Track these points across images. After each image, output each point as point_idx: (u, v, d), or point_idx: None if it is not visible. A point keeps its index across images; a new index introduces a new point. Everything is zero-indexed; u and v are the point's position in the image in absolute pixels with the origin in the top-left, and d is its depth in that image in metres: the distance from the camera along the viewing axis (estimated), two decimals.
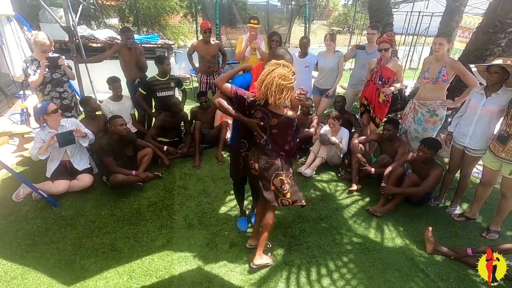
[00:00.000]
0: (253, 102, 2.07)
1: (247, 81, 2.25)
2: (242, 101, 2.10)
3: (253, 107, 2.09)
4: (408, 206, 3.16)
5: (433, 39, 3.29)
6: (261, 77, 1.97)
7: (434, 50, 3.11)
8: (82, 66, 4.40)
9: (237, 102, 2.12)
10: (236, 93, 2.09)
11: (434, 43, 3.08)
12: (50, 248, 2.49)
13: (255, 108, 2.08)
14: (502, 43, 3.88)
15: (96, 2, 10.14)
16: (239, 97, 2.10)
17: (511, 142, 2.45)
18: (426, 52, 8.60)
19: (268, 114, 2.08)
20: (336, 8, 27.72)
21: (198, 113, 4.39)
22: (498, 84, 2.61)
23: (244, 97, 2.10)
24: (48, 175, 3.15)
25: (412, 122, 3.46)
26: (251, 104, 2.09)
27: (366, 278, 2.34)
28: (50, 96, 3.47)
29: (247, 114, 2.14)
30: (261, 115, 2.09)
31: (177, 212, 2.97)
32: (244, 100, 2.10)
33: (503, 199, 2.69)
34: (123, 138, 3.32)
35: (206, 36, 4.39)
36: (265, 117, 2.09)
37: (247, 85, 2.23)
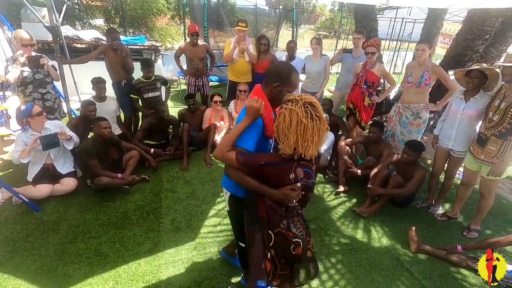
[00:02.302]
0: (287, 162, 1.46)
1: (261, 127, 1.60)
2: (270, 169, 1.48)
3: (289, 168, 1.47)
4: (393, 207, 3.24)
5: (415, 45, 3.41)
6: (283, 124, 1.41)
7: (417, 55, 3.24)
8: (66, 67, 4.28)
9: (255, 172, 1.50)
10: (246, 163, 1.48)
11: (417, 49, 3.21)
12: (31, 254, 2.41)
13: (293, 166, 1.47)
14: (480, 50, 4.06)
15: (81, 2, 9.93)
16: (255, 167, 1.48)
17: (489, 144, 2.56)
18: (409, 57, 8.89)
19: (310, 167, 1.51)
20: (323, 13, 28.26)
21: (186, 115, 4.36)
22: (476, 89, 2.73)
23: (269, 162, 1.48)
24: (29, 179, 3.05)
25: (398, 125, 3.58)
26: (285, 165, 1.47)
27: (353, 278, 2.38)
28: (31, 97, 3.37)
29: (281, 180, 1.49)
30: (303, 172, 1.48)
31: (164, 216, 2.93)
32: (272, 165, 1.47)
33: (482, 199, 2.80)
34: (108, 140, 3.26)
35: (194, 39, 4.38)
36: (309, 172, 1.50)
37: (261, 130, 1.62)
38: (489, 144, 2.56)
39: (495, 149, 2.53)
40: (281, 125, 1.42)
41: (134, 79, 4.10)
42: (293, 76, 1.64)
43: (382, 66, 3.74)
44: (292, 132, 1.39)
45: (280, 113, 1.44)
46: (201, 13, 6.83)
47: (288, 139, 1.40)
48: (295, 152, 1.42)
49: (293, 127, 1.38)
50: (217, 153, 1.56)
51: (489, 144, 2.56)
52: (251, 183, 1.51)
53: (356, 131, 4.11)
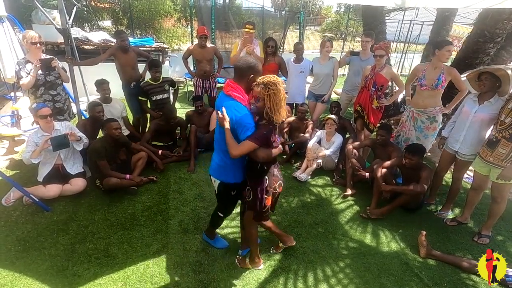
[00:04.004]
0: (272, 128, 1.94)
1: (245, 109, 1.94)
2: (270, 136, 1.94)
3: (274, 131, 1.97)
4: (402, 211, 3.20)
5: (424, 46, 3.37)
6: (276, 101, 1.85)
7: (446, 57, 3.07)
8: (75, 69, 4.35)
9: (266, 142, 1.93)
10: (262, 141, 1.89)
11: (448, 50, 3.03)
12: (41, 254, 2.43)
13: (273, 130, 1.96)
14: (491, 52, 4.01)
15: (89, 4, 10.06)
16: (267, 138, 1.93)
17: (499, 147, 2.52)
18: (416, 59, 8.82)
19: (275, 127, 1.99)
20: (328, 15, 28.18)
21: (194, 117, 4.37)
22: (491, 92, 2.67)
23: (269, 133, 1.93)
24: (39, 179, 3.08)
25: (412, 130, 3.47)
26: (272, 130, 1.95)
27: (362, 283, 2.35)
28: (42, 98, 3.41)
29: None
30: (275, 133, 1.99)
31: (172, 217, 2.94)
32: (270, 132, 1.93)
33: (494, 204, 2.75)
34: (118, 141, 3.29)
35: (202, 41, 4.40)
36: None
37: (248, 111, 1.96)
38: (499, 147, 2.52)
39: (505, 152, 2.49)
40: (275, 102, 1.84)
41: (143, 81, 4.13)
42: (259, 64, 2.02)
43: (391, 68, 3.71)
44: (281, 105, 1.87)
45: (269, 95, 1.84)
46: (208, 14, 6.88)
47: (279, 111, 1.87)
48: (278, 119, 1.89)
49: (282, 102, 1.87)
50: (236, 152, 1.86)
51: (499, 147, 2.52)
52: (271, 151, 1.96)
53: (364, 133, 4.08)
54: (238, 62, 2.02)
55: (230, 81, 2.00)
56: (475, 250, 2.75)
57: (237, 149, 1.86)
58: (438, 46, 3.07)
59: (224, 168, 2.11)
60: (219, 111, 1.96)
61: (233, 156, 1.88)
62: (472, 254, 2.71)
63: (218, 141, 2.10)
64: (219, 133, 2.06)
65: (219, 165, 2.12)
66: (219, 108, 1.97)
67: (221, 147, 2.04)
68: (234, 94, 1.94)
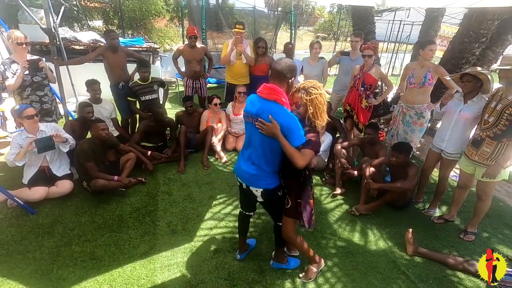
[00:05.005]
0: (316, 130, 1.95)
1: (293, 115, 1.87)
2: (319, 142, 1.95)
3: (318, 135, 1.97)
4: (390, 210, 3.23)
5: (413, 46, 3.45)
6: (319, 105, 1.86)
7: (429, 56, 3.24)
8: (63, 69, 4.29)
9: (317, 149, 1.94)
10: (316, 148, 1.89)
11: (431, 50, 3.20)
12: (25, 257, 2.39)
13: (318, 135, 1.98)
14: (477, 52, 4.08)
15: (79, 4, 9.94)
16: (319, 144, 1.96)
17: (484, 146, 2.56)
18: (407, 59, 8.91)
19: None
20: (322, 15, 28.32)
21: (184, 117, 4.35)
22: (474, 92, 2.72)
23: (319, 139, 1.94)
24: (25, 182, 3.03)
25: (401, 124, 3.65)
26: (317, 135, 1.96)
27: (349, 282, 2.37)
28: (29, 99, 3.36)
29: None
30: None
31: (160, 218, 2.92)
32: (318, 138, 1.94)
33: (479, 201, 2.80)
34: (105, 142, 3.25)
35: (192, 42, 4.38)
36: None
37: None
38: (484, 146, 2.56)
39: (489, 151, 2.53)
40: (318, 107, 1.85)
41: (132, 81, 4.09)
42: (296, 67, 1.94)
43: (380, 68, 3.74)
44: (324, 110, 1.87)
45: (312, 99, 1.84)
46: (200, 15, 6.84)
47: (322, 116, 1.87)
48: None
49: (324, 106, 1.87)
50: (303, 162, 1.81)
51: (484, 146, 2.56)
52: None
53: (353, 133, 4.11)
54: (278, 64, 1.86)
55: (272, 85, 1.84)
56: (461, 247, 2.79)
57: (302, 159, 1.80)
58: (421, 46, 3.28)
59: (263, 176, 1.97)
60: (260, 118, 1.82)
61: (300, 167, 1.81)
62: (458, 251, 2.75)
63: (255, 149, 1.95)
64: (260, 141, 1.90)
65: (254, 175, 1.97)
66: (261, 115, 1.82)
67: (260, 155, 1.93)
68: (281, 99, 1.81)
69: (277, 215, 2.20)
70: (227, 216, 3.02)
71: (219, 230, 2.82)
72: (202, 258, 2.49)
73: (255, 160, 1.96)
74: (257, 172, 1.96)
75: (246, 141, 2.05)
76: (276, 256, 2.42)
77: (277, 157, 1.95)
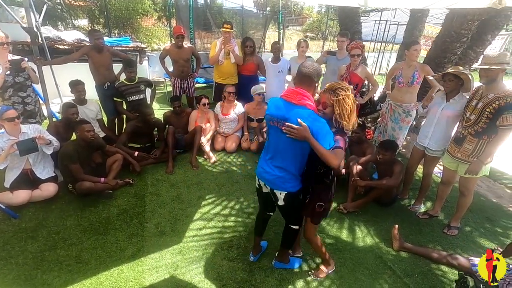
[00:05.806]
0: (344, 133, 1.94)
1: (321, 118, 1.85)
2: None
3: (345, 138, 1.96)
4: (377, 207, 3.29)
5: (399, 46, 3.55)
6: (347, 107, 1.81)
7: (414, 56, 3.38)
8: (47, 69, 4.19)
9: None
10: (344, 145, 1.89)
11: (415, 50, 3.35)
12: (8, 263, 2.33)
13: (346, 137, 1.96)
14: (458, 52, 4.19)
15: (64, 2, 9.71)
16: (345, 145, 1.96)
17: (465, 143, 2.64)
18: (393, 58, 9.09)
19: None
20: (310, 15, 28.53)
21: (172, 117, 4.31)
22: (455, 90, 2.80)
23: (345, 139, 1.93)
24: (6, 185, 2.95)
25: (389, 120, 3.77)
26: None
27: (337, 278, 2.40)
28: (11, 101, 3.27)
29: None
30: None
31: (148, 220, 2.89)
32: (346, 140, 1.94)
33: (461, 197, 2.88)
34: (91, 144, 3.19)
35: (178, 41, 4.35)
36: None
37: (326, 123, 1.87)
38: (466, 143, 2.64)
39: (471, 148, 2.61)
40: (344, 108, 1.79)
41: (118, 82, 4.03)
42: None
43: (365, 68, 3.81)
44: (352, 111, 1.82)
45: (339, 100, 1.80)
46: (187, 14, 6.79)
47: (350, 118, 1.81)
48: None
49: (353, 108, 1.82)
50: (337, 162, 1.81)
51: (466, 143, 2.64)
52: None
53: None
54: (306, 68, 1.87)
55: (300, 90, 1.85)
56: (445, 242, 2.87)
57: (336, 159, 1.79)
58: (406, 47, 3.44)
59: (288, 178, 1.97)
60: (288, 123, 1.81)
61: (335, 166, 1.83)
62: (441, 245, 2.82)
63: (280, 152, 1.95)
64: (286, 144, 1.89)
65: (280, 177, 1.97)
66: (289, 120, 1.82)
67: (286, 158, 1.94)
68: (308, 104, 1.83)
69: (293, 218, 2.21)
70: (216, 216, 3.02)
71: (208, 231, 2.82)
72: (191, 259, 2.48)
73: (280, 163, 1.97)
74: (283, 174, 1.96)
75: (269, 144, 2.06)
76: (280, 256, 2.44)
77: (304, 160, 1.97)
